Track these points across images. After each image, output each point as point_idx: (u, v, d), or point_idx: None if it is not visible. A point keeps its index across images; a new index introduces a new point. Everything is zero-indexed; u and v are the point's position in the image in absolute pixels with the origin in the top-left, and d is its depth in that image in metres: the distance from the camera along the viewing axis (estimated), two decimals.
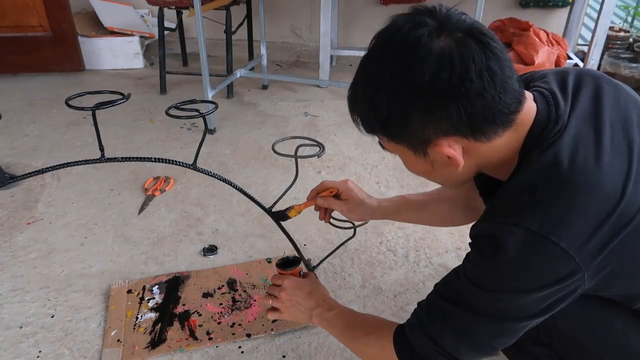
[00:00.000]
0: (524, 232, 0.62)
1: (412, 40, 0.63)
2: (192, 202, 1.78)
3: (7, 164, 2.01)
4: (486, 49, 0.63)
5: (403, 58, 0.64)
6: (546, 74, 0.80)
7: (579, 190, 0.63)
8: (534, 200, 0.64)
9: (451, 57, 0.62)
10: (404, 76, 0.64)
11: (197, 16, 2.11)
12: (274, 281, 1.07)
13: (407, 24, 0.65)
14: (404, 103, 0.65)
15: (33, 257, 1.50)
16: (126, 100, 1.03)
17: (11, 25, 2.80)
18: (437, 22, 0.64)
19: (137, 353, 1.17)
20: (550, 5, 2.98)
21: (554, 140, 0.67)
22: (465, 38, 0.63)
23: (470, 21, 0.65)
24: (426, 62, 0.62)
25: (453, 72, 0.61)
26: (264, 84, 2.90)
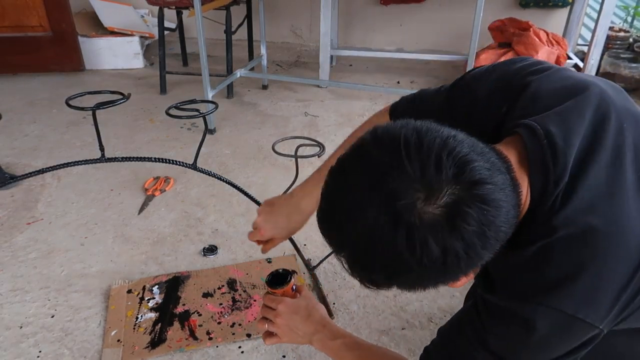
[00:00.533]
0: (557, 314, 0.60)
1: (404, 229, 0.53)
2: (192, 202, 1.78)
3: (7, 164, 2.01)
4: (482, 207, 0.53)
5: (398, 250, 0.54)
6: (540, 91, 0.69)
7: (604, 256, 0.59)
8: (561, 275, 0.60)
9: (453, 248, 0.53)
10: (398, 263, 0.55)
11: (197, 16, 2.11)
12: (267, 303, 0.98)
13: (384, 196, 0.53)
14: (406, 284, 0.60)
15: (33, 257, 1.50)
16: (126, 100, 1.03)
17: (11, 25, 2.80)
18: (422, 191, 0.52)
19: (137, 353, 1.17)
20: (550, 5, 2.98)
21: (563, 203, 0.61)
22: (459, 208, 0.52)
23: (452, 163, 0.53)
24: (427, 257, 0.53)
25: (459, 260, 0.54)
26: (264, 84, 2.90)
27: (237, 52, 2.89)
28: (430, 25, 3.19)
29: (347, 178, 0.58)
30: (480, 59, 2.61)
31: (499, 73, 0.76)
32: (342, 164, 0.60)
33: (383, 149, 0.55)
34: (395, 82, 3.01)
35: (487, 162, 0.55)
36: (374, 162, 0.55)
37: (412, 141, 0.54)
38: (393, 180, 0.53)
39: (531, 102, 0.69)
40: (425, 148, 0.53)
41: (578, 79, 0.70)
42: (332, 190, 0.61)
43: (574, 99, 0.66)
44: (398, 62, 3.27)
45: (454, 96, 0.82)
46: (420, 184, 0.52)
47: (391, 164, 0.54)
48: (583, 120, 0.64)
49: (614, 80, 2.86)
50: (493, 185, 0.54)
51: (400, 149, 0.54)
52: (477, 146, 0.56)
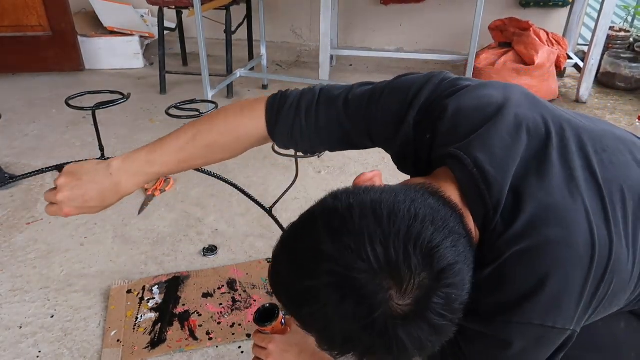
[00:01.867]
0: (523, 326, 0.61)
1: (380, 327, 0.52)
2: (192, 202, 1.78)
3: (7, 164, 2.00)
4: (451, 293, 0.54)
5: (373, 347, 0.54)
6: (458, 113, 0.69)
7: (558, 266, 0.60)
8: (519, 292, 0.60)
9: (428, 339, 0.54)
10: (368, 351, 0.55)
11: (197, 16, 2.11)
12: (257, 342, 0.95)
13: (357, 299, 0.52)
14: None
15: (33, 257, 1.50)
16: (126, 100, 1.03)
17: (11, 25, 2.80)
18: (395, 285, 0.51)
19: (136, 353, 1.17)
20: (551, 5, 2.98)
21: (506, 227, 0.61)
22: (429, 299, 0.52)
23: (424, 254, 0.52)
24: (402, 351, 0.54)
25: (434, 343, 0.55)
26: (264, 83, 2.89)
27: (237, 52, 2.89)
28: (430, 25, 3.19)
29: (310, 281, 0.54)
30: (480, 59, 2.61)
31: (421, 99, 0.74)
32: (298, 260, 0.57)
33: (346, 250, 0.52)
34: None
35: (449, 235, 0.55)
36: (339, 265, 0.52)
37: (377, 237, 0.52)
38: (363, 281, 0.51)
39: (451, 128, 0.69)
40: (391, 242, 0.52)
41: (492, 97, 0.70)
42: (293, 289, 0.58)
43: (492, 121, 0.66)
44: (398, 62, 3.27)
45: (375, 123, 0.79)
46: (391, 279, 0.51)
47: (358, 266, 0.51)
48: (505, 142, 0.64)
49: (614, 80, 2.87)
50: (459, 265, 0.54)
51: (366, 245, 0.51)
52: (437, 217, 0.55)
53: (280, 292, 0.61)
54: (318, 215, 0.57)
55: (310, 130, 0.83)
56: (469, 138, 0.66)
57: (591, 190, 0.63)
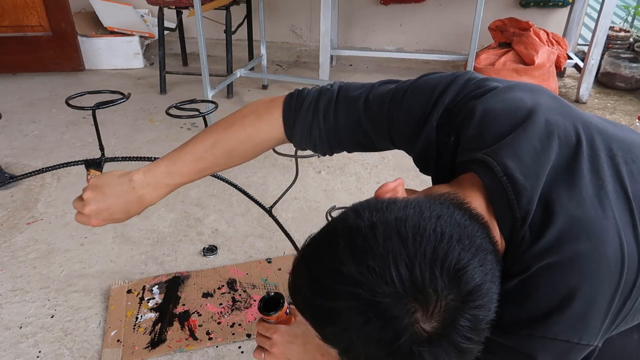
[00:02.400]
0: (551, 342, 0.60)
1: (405, 351, 0.51)
2: (192, 202, 1.78)
3: (7, 164, 2.00)
4: (477, 314, 0.52)
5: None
6: (486, 117, 0.66)
7: (588, 281, 0.58)
8: (546, 307, 0.59)
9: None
10: None
11: (197, 16, 2.10)
12: (261, 332, 0.93)
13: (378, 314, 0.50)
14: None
15: (33, 257, 1.50)
16: (126, 100, 1.03)
17: (11, 25, 2.80)
18: (421, 308, 0.50)
19: (137, 353, 1.17)
20: (551, 5, 2.98)
21: (535, 239, 0.59)
22: (457, 322, 0.51)
23: (450, 276, 0.51)
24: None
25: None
26: (264, 84, 2.89)
27: (237, 52, 2.89)
28: (430, 25, 3.19)
29: (333, 302, 0.53)
30: (480, 59, 2.61)
31: (445, 100, 0.72)
32: (313, 277, 0.55)
33: (367, 270, 0.51)
34: None
35: (476, 253, 0.53)
36: (359, 285, 0.51)
37: (402, 259, 0.50)
38: (386, 306, 0.50)
39: (479, 133, 0.66)
40: (417, 265, 0.50)
41: (521, 101, 0.68)
42: (316, 308, 0.56)
43: (521, 127, 0.64)
44: (398, 62, 3.26)
45: (397, 124, 0.76)
46: (416, 302, 0.50)
47: (381, 287, 0.50)
48: (536, 150, 0.62)
49: (614, 80, 2.87)
50: (486, 284, 0.53)
51: (390, 268, 0.50)
52: (463, 235, 0.54)
53: (300, 306, 0.60)
54: (340, 233, 0.55)
55: (329, 133, 0.81)
56: (497, 144, 0.63)
57: (621, 203, 0.62)
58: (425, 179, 0.79)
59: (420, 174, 0.82)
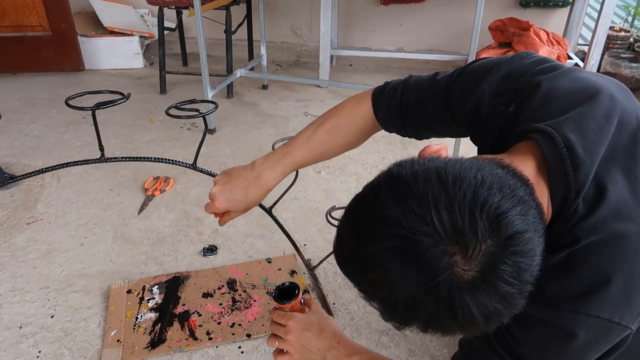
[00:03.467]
0: (595, 320, 0.60)
1: (444, 296, 0.51)
2: (192, 202, 1.78)
3: (7, 164, 2.00)
4: (519, 262, 0.52)
5: (438, 315, 0.53)
6: (550, 91, 0.68)
7: (633, 261, 0.59)
8: (591, 283, 0.59)
9: (494, 308, 0.52)
10: (432, 318, 0.54)
11: (197, 16, 2.10)
12: (276, 319, 0.94)
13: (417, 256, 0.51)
14: (426, 330, 0.58)
15: (33, 257, 1.50)
16: (126, 100, 1.03)
17: (11, 25, 2.80)
18: (459, 252, 0.51)
19: (136, 353, 1.17)
20: (551, 5, 2.98)
21: (590, 210, 0.60)
22: (496, 266, 0.51)
23: (490, 220, 0.51)
24: (468, 320, 0.52)
25: (500, 315, 0.54)
26: (264, 83, 2.89)
27: (237, 52, 2.89)
28: (430, 25, 3.19)
29: (375, 244, 0.54)
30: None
31: (505, 71, 0.75)
32: (363, 225, 0.56)
33: (411, 213, 0.52)
34: None
35: (517, 203, 0.53)
36: (404, 229, 0.51)
37: (441, 201, 0.51)
38: (427, 246, 0.50)
39: (543, 105, 0.67)
40: (456, 207, 0.51)
41: (589, 81, 0.69)
42: (357, 252, 0.57)
43: (587, 104, 0.65)
44: (398, 62, 3.26)
45: (454, 94, 0.80)
46: (456, 245, 0.50)
47: (422, 230, 0.51)
48: (600, 126, 0.63)
49: None
50: (528, 234, 0.52)
51: (431, 212, 0.51)
52: (505, 185, 0.54)
53: (344, 260, 0.61)
54: (382, 182, 0.57)
55: (403, 112, 0.88)
56: (561, 117, 0.64)
57: None
58: None
59: None
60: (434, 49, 3.22)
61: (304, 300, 0.96)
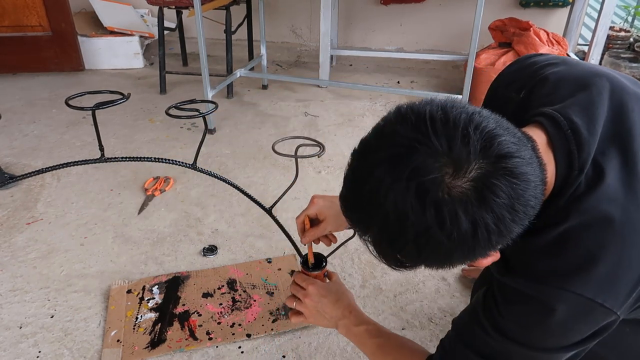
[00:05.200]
0: (577, 298, 0.60)
1: (431, 204, 0.53)
2: (192, 202, 1.78)
3: (7, 164, 2.00)
4: (512, 178, 0.53)
5: (427, 230, 0.54)
6: (557, 80, 0.72)
7: (624, 244, 0.61)
8: (581, 260, 0.61)
9: (484, 222, 0.53)
10: (434, 247, 0.55)
11: (197, 16, 2.10)
12: (298, 282, 1.01)
13: (410, 171, 0.53)
14: (435, 262, 0.60)
15: (33, 257, 1.50)
16: (126, 100, 1.03)
17: (11, 25, 2.80)
18: (448, 163, 0.52)
19: (136, 353, 1.17)
20: (551, 5, 2.98)
21: (586, 191, 0.62)
22: (488, 181, 0.52)
23: (478, 137, 0.53)
24: (459, 233, 0.53)
25: (491, 233, 0.54)
26: (264, 83, 2.89)
27: (237, 52, 2.89)
28: (430, 25, 3.19)
29: (372, 156, 0.58)
30: (480, 59, 2.61)
31: (517, 66, 0.81)
32: (365, 144, 0.61)
33: (408, 125, 0.55)
34: (396, 82, 3.01)
35: (513, 137, 0.56)
36: (399, 139, 0.55)
37: (437, 117, 0.54)
38: (420, 156, 0.53)
39: (549, 93, 0.71)
40: (451, 123, 0.54)
41: (596, 69, 0.72)
42: (356, 169, 0.61)
43: (589, 90, 0.68)
44: (398, 62, 3.26)
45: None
46: (448, 158, 0.52)
47: (417, 139, 0.53)
48: (602, 111, 0.66)
49: None
50: (520, 159, 0.54)
51: (427, 124, 0.54)
52: (502, 122, 0.57)
53: (346, 184, 0.63)
54: (389, 113, 0.61)
55: None
56: (568, 101, 0.67)
57: None
58: None
59: None
60: (434, 49, 3.22)
61: (328, 273, 1.04)
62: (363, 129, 2.33)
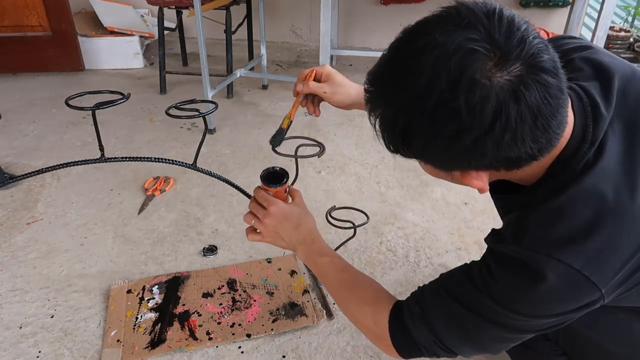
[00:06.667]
0: (565, 267, 0.62)
1: (468, 80, 0.54)
2: (192, 202, 1.78)
3: (7, 164, 2.00)
4: (545, 91, 0.56)
5: (453, 99, 0.55)
6: (582, 63, 0.74)
7: (617, 225, 0.62)
8: (574, 233, 0.62)
9: (508, 113, 0.54)
10: (450, 120, 0.56)
11: (197, 16, 2.10)
12: (258, 199, 0.96)
13: (458, 46, 0.55)
14: (441, 144, 0.59)
15: (33, 257, 1.50)
16: (126, 100, 1.03)
17: (11, 25, 2.80)
18: (498, 54, 0.54)
19: (136, 353, 1.17)
20: (551, 5, 2.98)
21: (589, 166, 0.64)
22: (526, 81, 0.55)
23: (532, 46, 0.56)
24: (481, 112, 0.54)
25: (507, 130, 0.55)
26: (264, 84, 2.89)
27: (237, 52, 2.89)
28: None
29: (433, 20, 0.59)
30: None
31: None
32: (426, 17, 0.61)
33: (479, 7, 0.57)
34: None
35: (558, 63, 0.59)
36: (466, 13, 0.57)
37: (506, 15, 0.57)
38: (476, 35, 0.55)
39: (574, 72, 0.72)
40: (515, 25, 0.56)
41: (615, 58, 0.75)
42: (408, 32, 0.61)
43: (613, 76, 0.70)
44: None
45: None
46: (500, 49, 0.54)
47: (482, 22, 0.56)
48: (614, 96, 0.68)
49: None
50: (558, 83, 0.57)
51: (495, 15, 0.56)
52: (552, 50, 0.59)
53: (383, 56, 0.63)
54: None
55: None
56: (592, 81, 0.70)
57: None
58: (425, 181, 0.79)
59: (420, 174, 0.82)
60: None
61: (289, 190, 0.99)
62: (363, 129, 2.33)
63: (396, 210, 1.71)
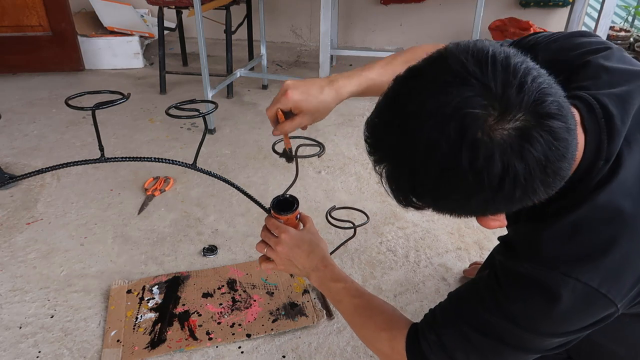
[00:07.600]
0: (582, 286, 0.60)
1: (469, 142, 0.51)
2: (192, 202, 1.78)
3: (7, 164, 2.00)
4: (551, 137, 0.52)
5: (457, 165, 0.52)
6: (597, 68, 0.70)
7: (635, 240, 0.61)
8: (591, 250, 0.61)
9: (515, 172, 0.52)
10: (457, 184, 0.54)
11: (197, 16, 2.10)
12: (270, 227, 0.96)
13: (455, 109, 0.52)
14: (452, 205, 0.58)
15: (32, 257, 1.50)
16: (126, 100, 1.02)
17: (11, 25, 2.80)
18: (497, 107, 0.51)
19: (136, 353, 1.17)
20: (551, 5, 2.98)
21: (605, 181, 0.62)
22: (530, 133, 0.52)
23: (532, 90, 0.52)
24: (488, 174, 0.52)
25: (517, 187, 0.53)
26: (264, 83, 2.89)
27: (237, 52, 2.89)
28: (430, 25, 3.19)
29: (420, 80, 0.56)
30: None
31: (559, 44, 0.78)
32: (413, 69, 0.58)
33: (469, 57, 0.54)
34: None
35: (563, 101, 0.55)
36: (456, 68, 0.53)
37: (499, 59, 0.53)
38: (471, 91, 0.52)
39: (589, 79, 0.69)
40: (511, 69, 0.53)
41: (634, 64, 0.72)
42: (397, 91, 0.59)
43: (629, 83, 0.67)
44: None
45: None
46: (498, 101, 0.51)
47: (475, 74, 0.52)
48: (636, 105, 0.65)
49: None
50: (565, 125, 0.53)
51: (488, 63, 0.53)
52: (555, 84, 0.56)
53: (379, 108, 0.61)
54: (449, 45, 0.59)
55: None
56: (606, 90, 0.66)
57: None
58: None
59: None
60: None
61: (300, 216, 0.97)
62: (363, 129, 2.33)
63: (396, 210, 1.71)
